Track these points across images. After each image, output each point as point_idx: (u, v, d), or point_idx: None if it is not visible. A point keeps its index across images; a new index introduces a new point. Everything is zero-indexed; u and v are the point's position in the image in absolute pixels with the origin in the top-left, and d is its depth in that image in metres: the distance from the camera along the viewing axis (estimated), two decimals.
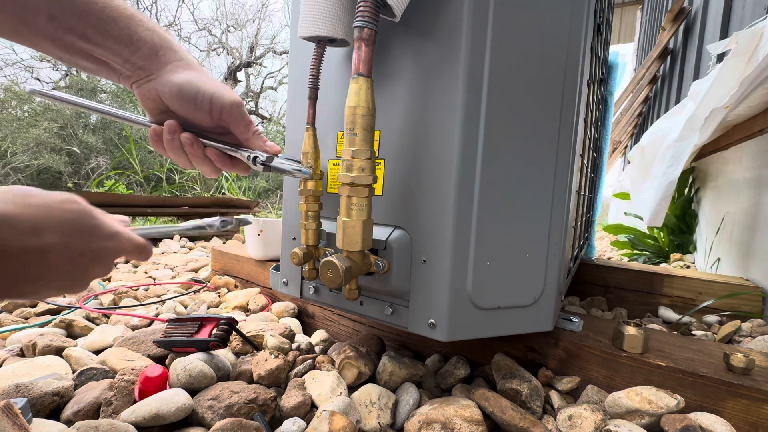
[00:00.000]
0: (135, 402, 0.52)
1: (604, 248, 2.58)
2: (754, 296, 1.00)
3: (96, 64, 0.46)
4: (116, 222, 0.43)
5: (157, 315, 0.90)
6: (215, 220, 0.53)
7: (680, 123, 1.40)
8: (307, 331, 0.91)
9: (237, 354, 0.71)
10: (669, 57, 3.16)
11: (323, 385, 0.58)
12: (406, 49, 0.51)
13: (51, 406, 0.52)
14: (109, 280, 1.28)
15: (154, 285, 1.18)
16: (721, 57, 1.54)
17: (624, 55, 1.23)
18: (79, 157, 5.85)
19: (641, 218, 1.86)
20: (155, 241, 2.11)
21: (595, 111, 0.90)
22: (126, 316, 0.87)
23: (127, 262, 1.65)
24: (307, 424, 0.51)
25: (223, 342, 0.64)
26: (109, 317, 0.89)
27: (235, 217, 0.54)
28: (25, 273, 0.34)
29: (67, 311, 0.91)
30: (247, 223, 0.55)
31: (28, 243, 0.34)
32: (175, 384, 0.56)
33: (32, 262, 0.34)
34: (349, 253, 0.48)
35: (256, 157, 0.51)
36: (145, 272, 1.40)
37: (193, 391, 0.55)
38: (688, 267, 1.72)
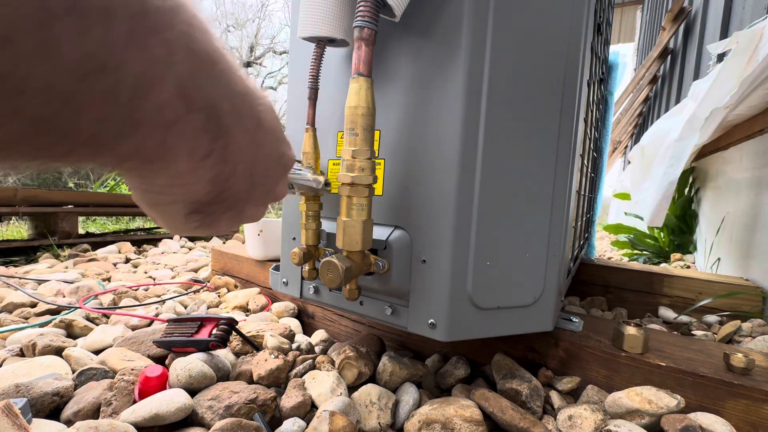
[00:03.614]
0: (135, 402, 0.52)
1: (605, 248, 2.58)
2: (754, 296, 1.00)
3: None
4: None
5: (156, 315, 0.90)
6: (320, 181, 0.48)
7: (680, 123, 1.40)
8: (307, 331, 0.91)
9: (237, 354, 0.71)
10: (669, 57, 3.16)
11: (323, 385, 0.58)
12: (406, 49, 0.51)
13: (51, 406, 0.52)
14: (108, 280, 1.28)
15: (154, 285, 1.18)
16: (721, 57, 1.54)
17: (624, 55, 1.23)
18: None
19: (641, 218, 1.86)
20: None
21: (595, 111, 0.90)
22: (126, 316, 0.87)
23: (126, 261, 1.65)
24: (307, 424, 0.51)
25: (223, 342, 0.64)
26: (108, 317, 0.89)
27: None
28: (245, 163, 0.25)
29: (66, 311, 0.91)
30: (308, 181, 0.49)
31: (255, 113, 0.24)
32: (174, 384, 0.56)
33: (255, 145, 0.25)
34: (349, 253, 0.48)
35: None
36: (145, 272, 1.40)
37: (192, 392, 0.55)
38: (689, 267, 1.72)
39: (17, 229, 2.46)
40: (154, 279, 1.31)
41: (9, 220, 2.56)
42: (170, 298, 1.03)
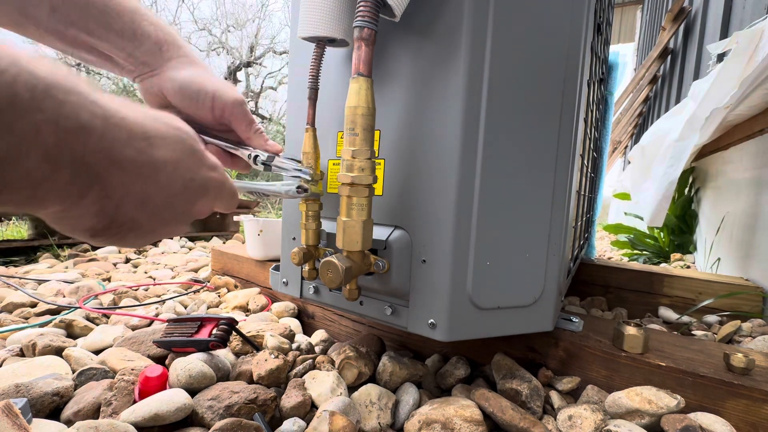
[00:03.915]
0: (135, 402, 0.52)
1: (604, 248, 2.58)
2: (754, 296, 1.00)
3: (99, 57, 0.46)
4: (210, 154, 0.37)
5: (157, 315, 0.90)
6: (291, 185, 0.50)
7: (680, 123, 1.40)
8: (307, 331, 0.91)
9: (237, 354, 0.71)
10: (669, 57, 3.16)
11: (323, 385, 0.58)
12: (406, 49, 0.51)
13: (51, 406, 0.52)
14: (109, 280, 1.28)
15: (154, 285, 1.18)
16: (721, 57, 1.54)
17: (624, 55, 1.23)
18: None
19: (641, 218, 1.86)
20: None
21: (595, 111, 0.90)
22: (126, 316, 0.87)
23: (126, 261, 1.65)
24: (307, 424, 0.51)
25: (223, 342, 0.64)
26: (109, 317, 0.89)
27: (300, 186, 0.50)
28: (135, 193, 0.27)
29: (67, 311, 0.91)
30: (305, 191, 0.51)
31: (141, 151, 0.27)
32: (174, 384, 0.56)
33: (145, 177, 0.27)
34: (349, 253, 0.48)
35: (257, 156, 0.51)
36: (145, 272, 1.40)
37: (192, 391, 0.55)
38: (689, 267, 1.72)
39: (17, 229, 2.46)
40: (154, 279, 1.31)
41: (9, 220, 2.55)
42: (170, 298, 1.03)
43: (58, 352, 0.68)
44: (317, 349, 0.77)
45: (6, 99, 0.19)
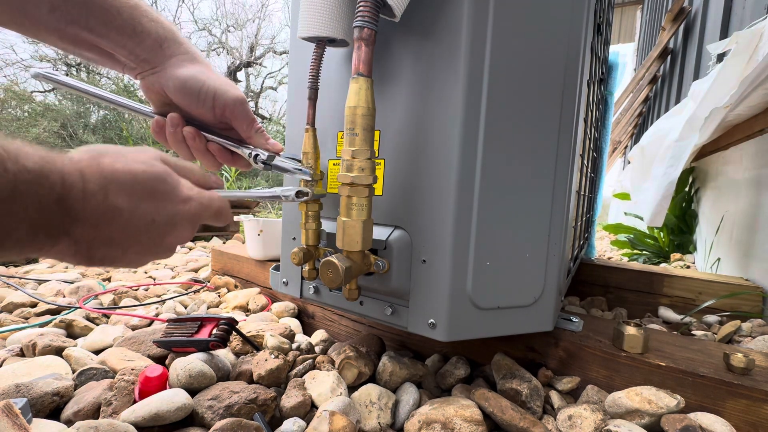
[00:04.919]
0: (135, 402, 0.52)
1: (604, 248, 2.58)
2: (753, 296, 1.00)
3: (100, 55, 0.46)
4: (188, 186, 0.39)
5: (157, 315, 0.90)
6: (291, 190, 0.51)
7: (680, 123, 1.40)
8: (307, 331, 0.91)
9: (237, 354, 0.71)
10: (669, 57, 3.16)
11: (323, 385, 0.58)
12: (406, 49, 0.51)
13: (51, 406, 0.52)
14: (109, 280, 1.28)
15: (154, 285, 1.18)
16: (721, 57, 1.54)
17: (624, 55, 1.23)
18: None
19: (641, 218, 1.86)
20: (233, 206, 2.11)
21: (595, 111, 0.90)
22: (126, 316, 0.87)
23: None
24: (307, 424, 0.51)
25: (223, 342, 0.64)
26: (109, 317, 0.89)
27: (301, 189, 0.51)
28: (100, 237, 0.32)
29: (67, 311, 0.91)
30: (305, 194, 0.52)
31: (97, 205, 0.31)
32: (175, 384, 0.56)
33: (103, 225, 0.32)
34: (349, 253, 0.48)
35: (257, 155, 0.51)
36: (145, 272, 1.40)
37: (193, 391, 0.55)
38: (688, 267, 1.72)
39: None
40: (154, 279, 1.31)
41: None
42: (170, 298, 1.03)
43: (58, 352, 0.68)
44: (317, 349, 0.77)
45: (8, 192, 0.26)
